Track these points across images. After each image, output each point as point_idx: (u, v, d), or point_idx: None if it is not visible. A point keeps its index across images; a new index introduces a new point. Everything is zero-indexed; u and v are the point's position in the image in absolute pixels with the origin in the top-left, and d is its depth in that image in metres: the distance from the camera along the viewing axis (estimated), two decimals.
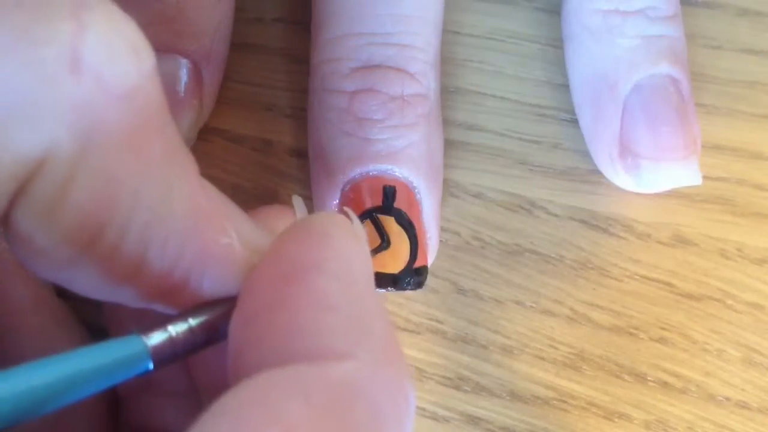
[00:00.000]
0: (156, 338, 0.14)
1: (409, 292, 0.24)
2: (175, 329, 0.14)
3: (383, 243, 0.22)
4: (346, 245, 0.15)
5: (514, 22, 0.27)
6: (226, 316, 0.14)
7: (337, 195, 0.23)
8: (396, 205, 0.22)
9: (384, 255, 0.22)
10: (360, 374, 0.13)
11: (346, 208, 0.16)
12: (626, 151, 0.23)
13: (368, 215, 0.22)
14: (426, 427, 0.24)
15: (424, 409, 0.24)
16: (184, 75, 0.23)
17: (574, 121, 0.26)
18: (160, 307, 0.15)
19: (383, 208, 0.22)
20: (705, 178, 0.24)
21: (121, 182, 0.13)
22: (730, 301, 0.24)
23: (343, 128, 0.23)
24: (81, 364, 0.13)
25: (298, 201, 0.18)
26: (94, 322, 0.21)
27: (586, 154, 0.25)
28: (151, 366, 0.14)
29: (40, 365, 0.12)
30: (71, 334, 0.20)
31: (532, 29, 0.27)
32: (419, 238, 0.22)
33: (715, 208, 0.25)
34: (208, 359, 0.17)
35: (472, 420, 0.24)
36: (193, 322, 0.15)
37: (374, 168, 0.23)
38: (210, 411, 0.12)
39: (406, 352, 0.24)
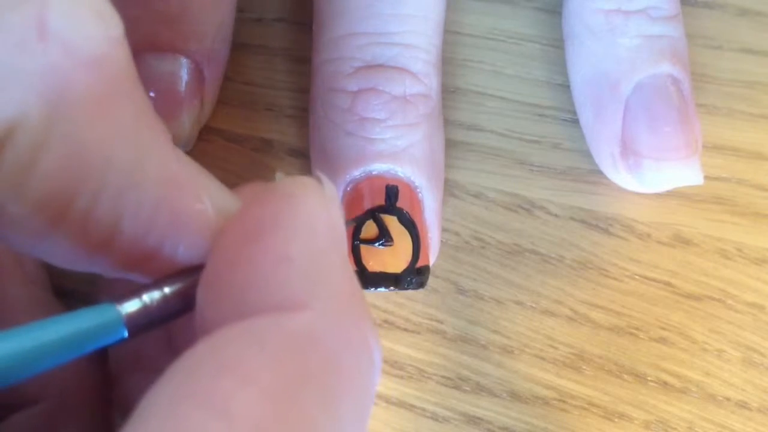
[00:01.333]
0: (130, 306, 0.14)
1: (409, 292, 0.24)
2: (150, 297, 0.14)
3: (387, 238, 0.22)
4: (309, 203, 0.15)
5: (514, 22, 0.27)
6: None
7: (340, 194, 0.23)
8: (398, 204, 0.22)
9: (386, 254, 0.22)
10: (316, 324, 0.13)
11: (318, 173, 0.16)
12: (628, 150, 0.23)
13: (371, 215, 0.22)
14: (426, 427, 0.24)
15: (424, 409, 0.24)
16: (185, 75, 0.23)
17: (575, 121, 0.26)
18: (136, 276, 0.15)
19: (386, 208, 0.22)
20: (705, 178, 0.24)
21: (91, 148, 0.13)
22: (730, 301, 0.24)
23: (345, 128, 0.23)
24: (56, 332, 0.13)
25: (281, 177, 0.18)
26: None
27: (586, 154, 0.25)
28: (125, 334, 0.14)
29: (17, 332, 0.12)
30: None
31: (532, 29, 0.27)
32: (421, 238, 0.23)
33: (715, 208, 0.25)
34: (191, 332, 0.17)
35: (472, 420, 0.24)
36: (167, 289, 0.14)
37: (377, 167, 0.23)
38: (167, 371, 0.12)
39: (406, 352, 0.24)
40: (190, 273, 0.15)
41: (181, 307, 0.15)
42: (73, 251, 0.14)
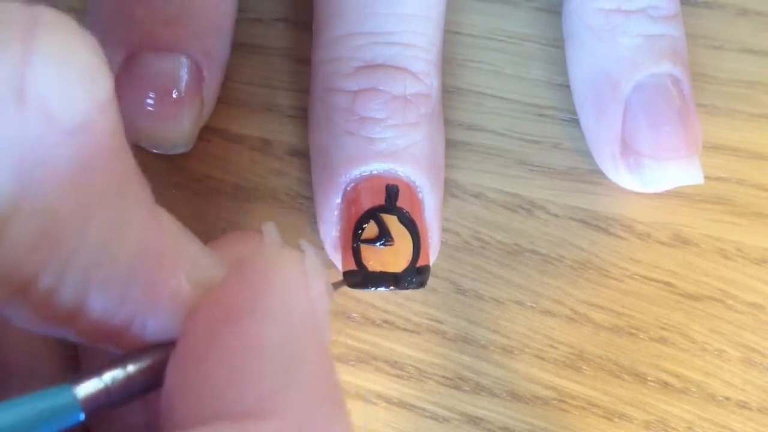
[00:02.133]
0: (88, 387, 0.13)
1: (409, 292, 0.24)
2: (111, 376, 0.14)
3: (387, 238, 0.22)
4: (287, 283, 0.14)
5: (514, 22, 0.27)
6: (166, 362, 0.14)
7: (340, 194, 0.23)
8: (398, 204, 0.22)
9: (386, 254, 0.22)
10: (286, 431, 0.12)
11: (302, 242, 0.15)
12: (628, 150, 0.23)
13: (371, 214, 0.22)
14: (426, 427, 0.24)
15: (424, 409, 0.24)
16: (185, 74, 0.23)
17: (575, 121, 0.26)
18: (102, 347, 0.14)
19: (386, 208, 0.22)
20: (705, 178, 0.24)
21: (63, 223, 0.12)
22: (730, 301, 0.24)
23: (345, 127, 0.23)
24: (10, 416, 0.12)
25: (268, 228, 0.17)
26: None
27: (586, 154, 0.25)
28: (82, 417, 0.13)
29: None
30: (56, 347, 0.20)
31: (532, 29, 0.27)
32: (421, 238, 0.22)
33: (715, 208, 0.25)
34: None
35: (472, 420, 0.24)
36: (131, 368, 0.14)
37: (377, 167, 0.23)
38: None
39: (406, 352, 0.24)
40: (160, 349, 0.14)
41: (146, 385, 0.14)
42: (34, 322, 0.13)
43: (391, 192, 0.22)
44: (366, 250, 0.22)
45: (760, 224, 0.25)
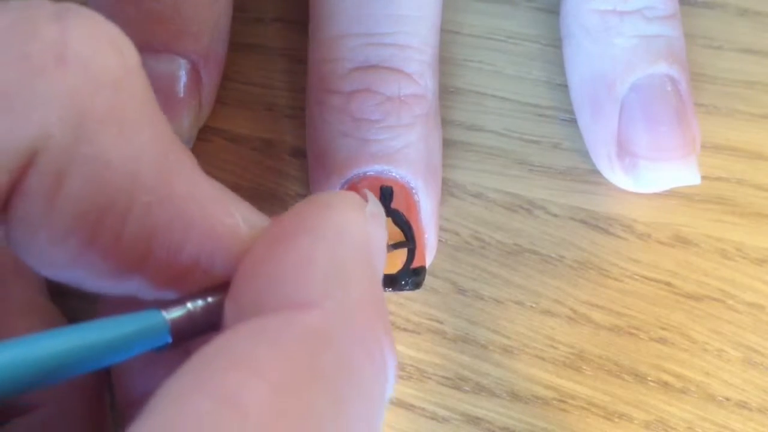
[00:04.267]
0: (175, 312, 0.14)
1: (409, 292, 0.24)
2: (194, 304, 0.14)
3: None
4: (342, 213, 0.15)
5: (514, 22, 0.27)
6: None
7: None
8: (393, 205, 0.22)
9: None
10: (327, 323, 0.13)
11: (366, 191, 0.16)
12: (624, 150, 0.23)
13: None
14: (426, 427, 0.24)
15: (424, 409, 0.24)
16: (182, 75, 0.23)
17: (574, 121, 0.26)
18: (171, 295, 0.15)
19: None
20: (705, 178, 0.24)
21: (116, 167, 0.13)
22: (730, 301, 0.24)
23: (340, 129, 0.23)
24: (104, 333, 0.13)
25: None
26: None
27: (586, 154, 0.25)
28: (170, 339, 0.14)
29: (66, 331, 0.13)
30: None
31: (532, 29, 0.27)
32: (417, 239, 0.22)
33: (715, 208, 0.25)
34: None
35: (472, 420, 0.24)
36: (210, 299, 0.15)
37: (371, 168, 0.22)
38: (180, 367, 0.12)
39: (406, 352, 0.24)
40: (226, 287, 0.15)
41: (221, 319, 0.15)
42: (107, 273, 0.14)
43: (386, 193, 0.22)
44: None
45: (760, 224, 0.25)
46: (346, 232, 0.14)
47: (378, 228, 0.15)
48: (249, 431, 0.11)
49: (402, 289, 0.22)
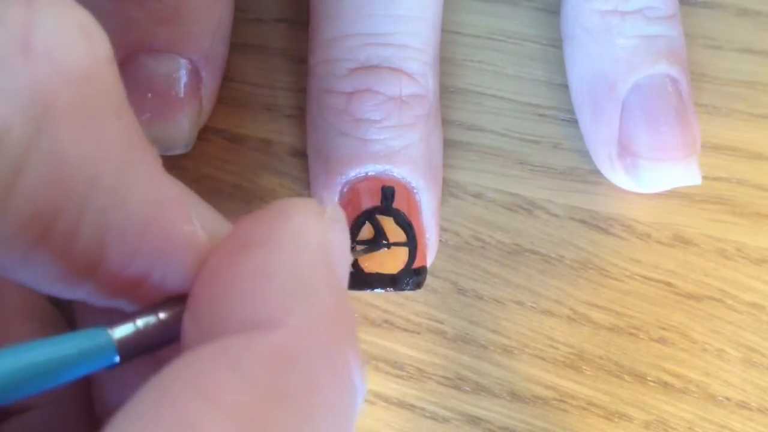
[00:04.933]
0: (122, 331, 0.13)
1: (409, 292, 0.24)
2: (144, 322, 0.14)
3: (383, 241, 0.22)
4: (299, 220, 0.14)
5: (514, 22, 0.27)
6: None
7: (336, 196, 0.23)
8: (395, 205, 0.22)
9: (383, 255, 0.22)
10: (290, 342, 0.12)
11: (324, 197, 0.16)
12: (625, 151, 0.23)
13: (367, 216, 0.22)
14: (426, 427, 0.24)
15: (424, 409, 0.24)
16: (183, 75, 0.23)
17: (574, 121, 0.26)
18: (123, 304, 0.14)
19: (382, 209, 0.22)
20: (705, 178, 0.24)
21: (75, 166, 0.12)
22: (730, 301, 0.24)
23: (341, 129, 0.23)
24: (44, 354, 0.12)
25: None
26: None
27: (586, 154, 0.25)
28: (117, 359, 0.13)
29: (3, 353, 0.12)
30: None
31: (532, 29, 0.27)
32: (418, 239, 0.22)
33: (715, 208, 0.25)
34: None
35: (472, 420, 0.24)
36: (162, 315, 0.14)
37: (372, 168, 0.23)
38: (136, 393, 0.11)
39: (406, 352, 0.24)
40: (182, 299, 0.14)
41: (175, 334, 0.14)
42: (57, 275, 0.13)
43: (387, 193, 0.22)
44: None
45: (760, 224, 0.25)
46: (304, 240, 0.14)
47: (339, 233, 0.15)
48: None
49: (403, 289, 0.22)
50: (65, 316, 0.21)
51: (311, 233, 0.14)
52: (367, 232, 0.22)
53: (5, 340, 0.19)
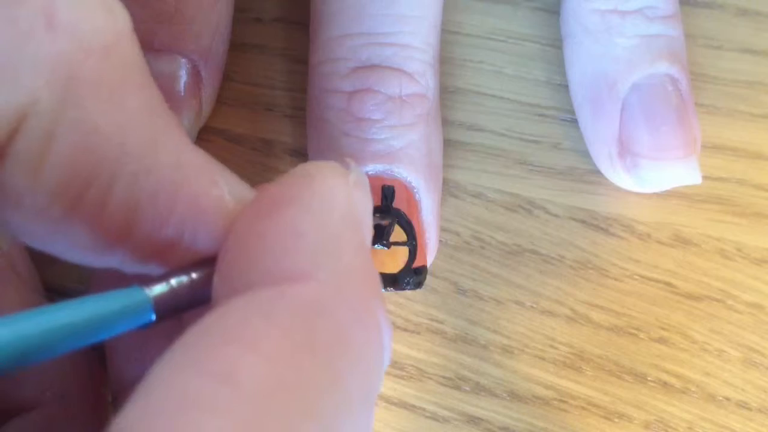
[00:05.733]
0: (158, 289, 0.14)
1: (409, 292, 0.24)
2: (177, 281, 0.14)
3: (384, 239, 0.22)
4: (327, 183, 0.14)
5: (514, 22, 0.27)
6: None
7: None
8: (395, 205, 0.22)
9: (384, 255, 0.22)
10: (321, 295, 0.13)
11: (348, 159, 0.16)
12: (625, 150, 0.23)
13: None
14: (426, 427, 0.24)
15: (424, 409, 0.24)
16: (183, 75, 0.23)
17: (574, 121, 0.26)
18: (155, 269, 0.15)
19: (382, 208, 0.22)
20: (705, 178, 0.24)
21: (104, 134, 0.13)
22: (730, 301, 0.24)
23: (341, 128, 0.23)
24: (85, 312, 0.13)
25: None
26: None
27: (586, 154, 0.25)
28: (153, 317, 0.14)
29: (42, 312, 0.12)
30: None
31: (532, 29, 0.27)
32: (418, 238, 0.22)
33: (715, 208, 0.25)
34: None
35: (472, 420, 0.24)
36: (194, 275, 0.14)
37: (373, 168, 0.23)
38: (173, 344, 0.12)
39: (406, 352, 0.24)
40: (212, 260, 0.14)
41: (206, 294, 0.14)
42: (91, 242, 0.14)
43: (387, 193, 0.22)
44: None
45: (760, 224, 0.25)
46: (332, 201, 0.14)
47: (363, 195, 0.15)
48: (245, 407, 0.11)
49: (403, 289, 0.22)
50: None
51: (338, 194, 0.14)
52: None
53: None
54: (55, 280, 0.23)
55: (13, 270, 0.20)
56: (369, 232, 0.16)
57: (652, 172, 0.23)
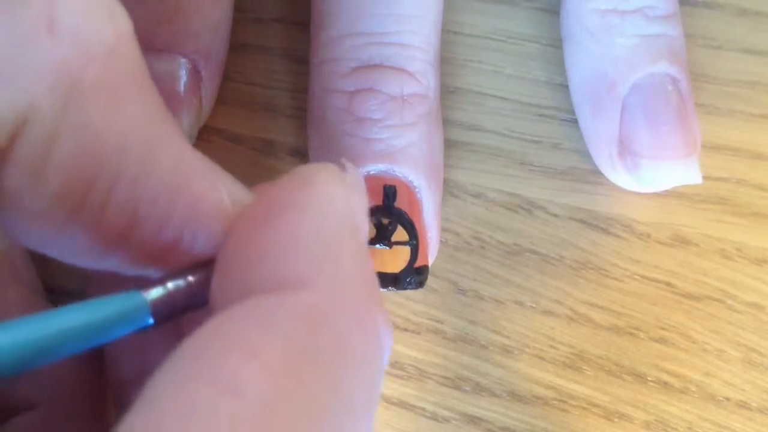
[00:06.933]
0: (155, 293, 0.14)
1: (409, 292, 0.24)
2: (174, 284, 0.14)
3: (385, 238, 0.22)
4: (325, 187, 0.14)
5: (514, 22, 0.27)
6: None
7: None
8: (396, 204, 0.22)
9: (385, 254, 0.22)
10: (321, 302, 0.13)
11: (343, 160, 0.16)
12: (626, 150, 0.23)
13: (369, 215, 0.22)
14: (426, 427, 0.24)
15: (424, 409, 0.24)
16: (183, 75, 0.23)
17: (574, 121, 0.26)
18: (153, 272, 0.15)
19: (384, 208, 0.22)
20: (705, 178, 0.24)
21: (104, 138, 0.13)
22: (730, 301, 0.24)
23: (342, 128, 0.23)
24: (81, 318, 0.13)
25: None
26: None
27: (586, 154, 0.25)
28: (151, 321, 0.14)
29: (40, 318, 0.12)
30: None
31: (532, 29, 0.27)
32: (420, 238, 0.22)
33: (715, 208, 0.25)
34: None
35: (472, 420, 0.24)
36: (191, 278, 0.14)
37: (374, 168, 0.22)
38: (174, 351, 0.12)
39: (406, 352, 0.24)
40: (210, 264, 0.14)
41: (204, 297, 0.15)
42: (91, 245, 0.14)
43: (389, 192, 0.22)
44: None
45: (760, 224, 0.25)
46: (331, 206, 0.14)
47: (359, 198, 0.15)
48: (249, 416, 0.11)
49: (405, 288, 0.22)
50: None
51: (336, 198, 0.14)
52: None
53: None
54: (55, 281, 0.23)
55: (13, 271, 0.20)
56: (366, 235, 0.16)
57: (653, 172, 0.23)
